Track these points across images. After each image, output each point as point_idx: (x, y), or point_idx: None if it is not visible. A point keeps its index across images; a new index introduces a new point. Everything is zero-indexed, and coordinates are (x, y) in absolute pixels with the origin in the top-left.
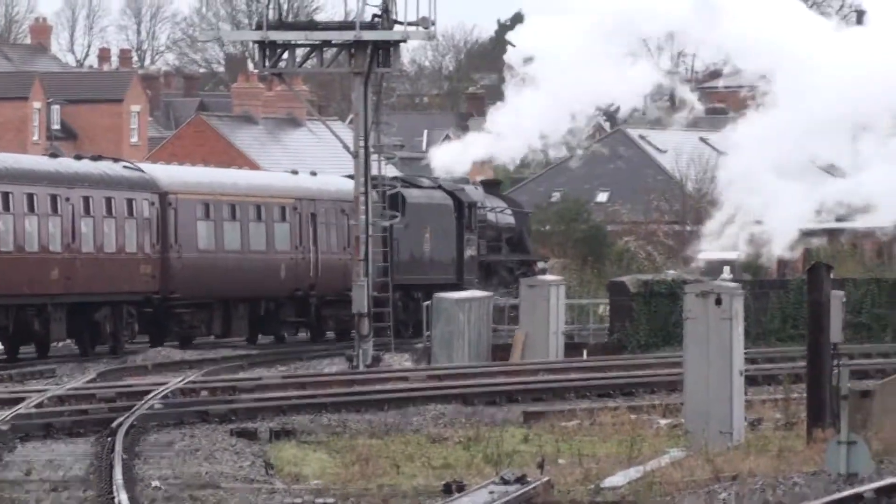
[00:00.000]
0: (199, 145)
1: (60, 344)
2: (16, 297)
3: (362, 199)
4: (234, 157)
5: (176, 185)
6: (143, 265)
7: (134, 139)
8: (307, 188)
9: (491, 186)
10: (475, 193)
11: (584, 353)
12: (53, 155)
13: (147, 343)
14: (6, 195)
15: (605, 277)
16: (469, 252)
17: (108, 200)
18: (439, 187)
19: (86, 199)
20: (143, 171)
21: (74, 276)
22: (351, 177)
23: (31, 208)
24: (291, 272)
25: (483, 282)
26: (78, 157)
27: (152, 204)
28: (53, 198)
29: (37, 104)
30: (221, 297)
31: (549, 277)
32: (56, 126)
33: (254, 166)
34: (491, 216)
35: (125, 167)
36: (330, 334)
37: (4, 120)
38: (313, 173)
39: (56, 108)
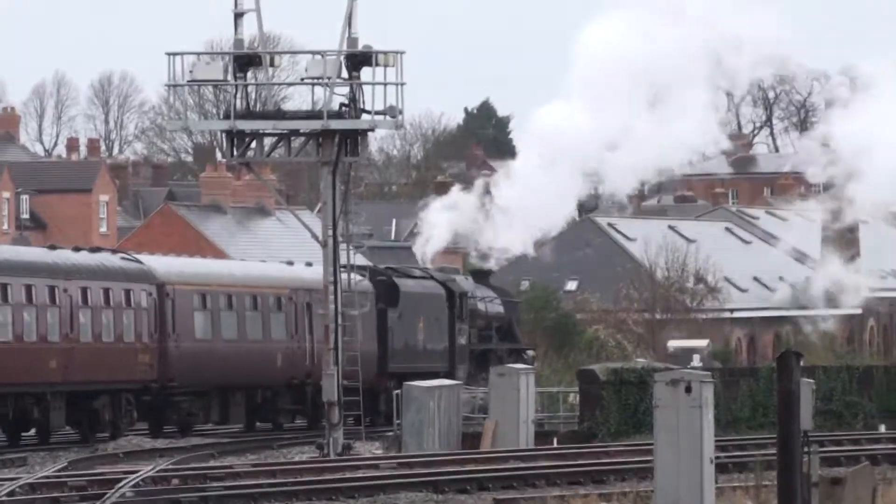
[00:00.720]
0: (167, 235)
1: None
2: (15, 386)
3: (331, 288)
4: (204, 247)
5: (173, 276)
6: (142, 354)
7: (103, 229)
8: (302, 278)
9: (480, 276)
10: (466, 283)
11: (555, 440)
12: (52, 247)
13: (146, 430)
14: (4, 287)
15: (574, 366)
16: (461, 341)
17: (106, 291)
18: (431, 277)
19: (84, 290)
20: (140, 262)
21: (73, 365)
22: (349, 267)
23: (30, 299)
24: (288, 360)
25: (474, 370)
26: (76, 249)
27: (150, 294)
28: (52, 289)
29: (6, 194)
30: (219, 385)
31: (518, 366)
32: (25, 216)
33: (223, 256)
34: (481, 305)
35: (123, 258)
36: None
37: None
38: (309, 264)
39: (25, 197)
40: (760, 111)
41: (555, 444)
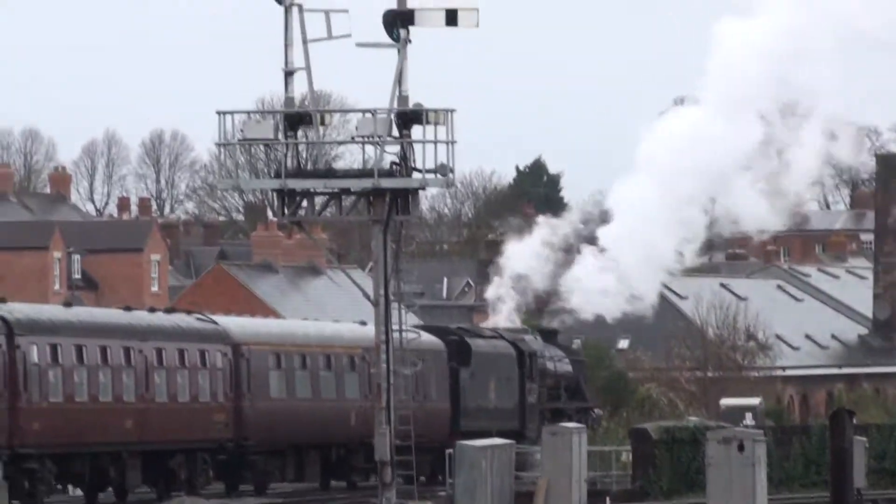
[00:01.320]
0: (219, 294)
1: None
2: (91, 445)
3: (383, 346)
4: (255, 306)
5: (248, 337)
6: (217, 413)
7: (154, 288)
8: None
9: (548, 335)
10: (535, 343)
11: (607, 500)
12: (127, 308)
13: (222, 489)
14: (80, 348)
15: (627, 424)
16: (531, 400)
17: (181, 352)
18: (502, 337)
19: (159, 351)
20: (216, 323)
21: (148, 424)
22: (426, 328)
23: (105, 360)
24: (361, 419)
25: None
26: (152, 310)
27: (225, 354)
28: (127, 350)
29: (57, 254)
30: (294, 444)
31: (571, 425)
32: (77, 275)
33: (274, 315)
34: (550, 365)
35: (198, 319)
36: (399, 480)
37: (25, 269)
38: (362, 322)
39: (76, 257)
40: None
41: None
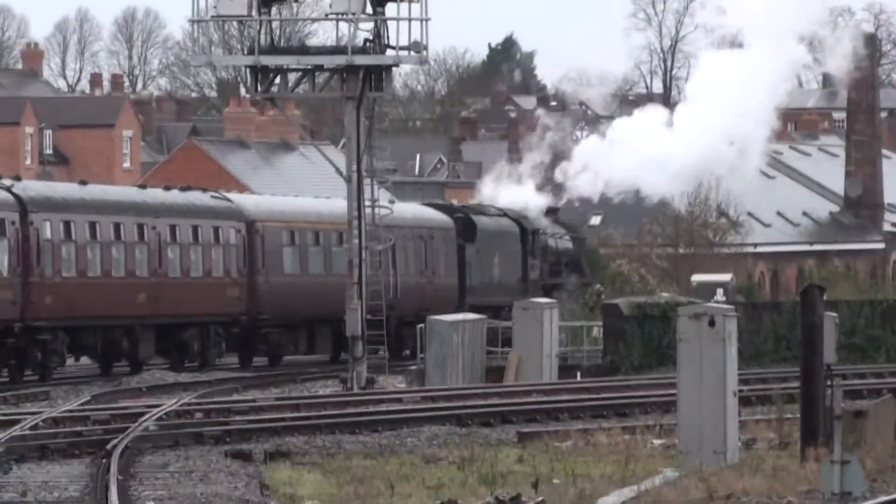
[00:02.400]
0: (191, 170)
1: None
2: (103, 319)
3: (356, 223)
4: (226, 182)
5: (262, 214)
6: (230, 288)
7: (126, 164)
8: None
9: (550, 212)
10: (538, 220)
11: (578, 374)
12: (142, 186)
13: (236, 362)
14: (93, 224)
15: (599, 300)
16: (533, 276)
17: (195, 228)
18: (505, 215)
19: (172, 228)
20: (230, 200)
21: (161, 298)
22: (434, 205)
23: (118, 236)
24: (372, 294)
25: None
26: (167, 188)
27: (239, 231)
28: (140, 227)
29: (29, 129)
30: (306, 318)
31: (542, 300)
32: (48, 151)
33: (246, 190)
34: (552, 241)
35: (213, 197)
36: (406, 352)
37: None
38: (391, 201)
39: (48, 133)
40: None
41: (578, 378)
